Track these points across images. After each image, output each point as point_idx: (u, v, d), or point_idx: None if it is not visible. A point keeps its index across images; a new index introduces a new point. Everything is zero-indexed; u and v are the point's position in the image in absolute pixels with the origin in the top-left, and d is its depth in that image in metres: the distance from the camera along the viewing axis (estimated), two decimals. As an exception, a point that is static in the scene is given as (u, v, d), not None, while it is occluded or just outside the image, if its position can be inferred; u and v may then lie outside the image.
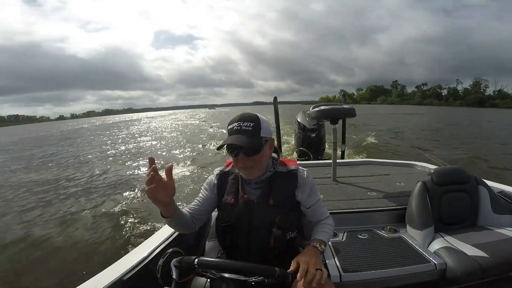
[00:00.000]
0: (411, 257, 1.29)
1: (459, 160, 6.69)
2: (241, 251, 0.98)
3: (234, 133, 0.90)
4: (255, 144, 0.89)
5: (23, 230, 3.89)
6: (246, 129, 0.90)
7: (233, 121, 0.93)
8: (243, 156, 0.91)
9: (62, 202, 5.09)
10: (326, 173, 2.46)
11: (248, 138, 0.88)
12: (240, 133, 0.89)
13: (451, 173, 1.60)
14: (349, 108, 2.38)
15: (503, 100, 74.92)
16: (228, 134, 0.92)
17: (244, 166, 0.92)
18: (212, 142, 11.59)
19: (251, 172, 0.94)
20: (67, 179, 6.87)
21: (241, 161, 0.92)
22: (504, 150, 8.66)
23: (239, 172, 1.01)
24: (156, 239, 1.26)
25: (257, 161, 0.93)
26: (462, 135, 12.77)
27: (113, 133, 21.86)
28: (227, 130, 0.94)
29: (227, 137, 0.92)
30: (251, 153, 0.90)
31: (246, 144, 0.88)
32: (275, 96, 3.89)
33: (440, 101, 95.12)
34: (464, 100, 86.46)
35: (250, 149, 0.89)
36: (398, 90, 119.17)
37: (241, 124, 0.90)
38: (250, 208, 0.95)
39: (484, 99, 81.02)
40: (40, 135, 27.70)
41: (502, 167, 6.30)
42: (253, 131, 0.90)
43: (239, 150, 0.91)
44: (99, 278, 0.97)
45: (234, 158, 0.93)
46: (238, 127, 0.90)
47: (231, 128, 0.92)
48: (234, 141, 0.88)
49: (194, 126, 23.68)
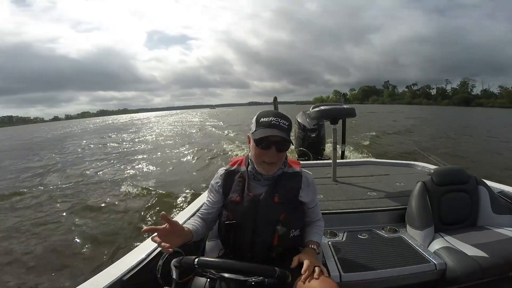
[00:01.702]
0: (411, 257, 1.29)
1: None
2: (245, 249, 0.99)
3: (273, 127, 0.91)
4: (289, 141, 0.92)
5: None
6: (283, 126, 0.92)
7: (268, 115, 0.94)
8: (274, 150, 0.92)
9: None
10: (326, 173, 2.46)
11: (286, 135, 0.91)
12: (278, 128, 0.91)
13: (451, 173, 1.60)
14: (349, 108, 2.38)
15: (488, 100, 78.23)
16: (262, 127, 0.92)
17: (271, 160, 0.93)
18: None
19: (272, 167, 0.96)
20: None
21: (270, 155, 0.92)
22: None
23: (245, 171, 1.02)
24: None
25: (281, 158, 0.96)
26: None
27: (139, 139, 15.70)
28: (257, 122, 0.94)
29: (261, 129, 0.92)
30: (283, 149, 0.93)
31: (287, 138, 0.90)
32: (275, 96, 3.90)
33: (429, 100, 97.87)
34: (451, 99, 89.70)
35: (286, 145, 0.92)
36: (389, 90, 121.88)
37: (279, 120, 0.92)
38: (255, 205, 0.97)
39: (470, 99, 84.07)
40: (38, 141, 21.27)
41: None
42: (288, 129, 0.93)
43: (273, 144, 0.91)
44: (99, 278, 0.97)
45: (262, 151, 0.93)
46: (276, 122, 0.91)
47: (267, 121, 0.92)
48: (278, 134, 0.90)
49: (218, 129, 18.40)
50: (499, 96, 77.49)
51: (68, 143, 16.39)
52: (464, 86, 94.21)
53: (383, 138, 11.32)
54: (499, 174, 5.50)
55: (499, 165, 6.67)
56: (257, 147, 0.93)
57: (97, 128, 32.61)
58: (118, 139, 16.28)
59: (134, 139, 15.73)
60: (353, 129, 12.09)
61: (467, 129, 14.90)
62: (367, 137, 10.55)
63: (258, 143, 0.92)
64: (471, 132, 13.82)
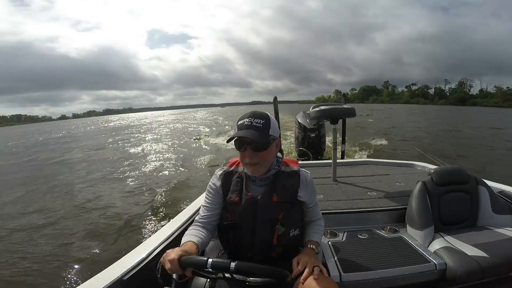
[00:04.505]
0: (411, 257, 1.29)
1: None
2: (244, 249, 0.98)
3: (244, 128, 0.92)
4: (264, 140, 0.92)
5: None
6: (256, 125, 0.91)
7: (244, 116, 0.94)
8: (250, 151, 0.92)
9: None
10: (326, 173, 2.46)
11: (258, 134, 0.90)
12: (250, 128, 0.91)
13: (451, 173, 1.60)
14: (349, 108, 2.38)
15: (483, 99, 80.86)
16: (238, 129, 0.93)
17: (250, 161, 0.93)
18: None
19: (256, 168, 0.95)
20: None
21: (248, 156, 0.93)
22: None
23: (243, 171, 1.02)
24: (156, 239, 1.26)
25: (263, 158, 0.94)
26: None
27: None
28: (237, 125, 0.95)
29: (236, 131, 0.93)
30: (259, 148, 0.92)
31: (256, 139, 0.89)
32: (275, 96, 3.90)
33: (426, 100, 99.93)
34: (447, 99, 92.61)
35: (259, 144, 0.91)
36: (388, 90, 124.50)
37: (252, 120, 0.92)
38: (254, 205, 0.96)
39: (465, 98, 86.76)
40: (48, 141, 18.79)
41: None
42: (263, 128, 0.92)
43: (247, 145, 0.92)
44: (99, 278, 0.97)
45: (241, 152, 0.94)
46: (249, 122, 0.92)
47: (241, 123, 0.93)
48: (245, 135, 0.90)
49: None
50: (494, 96, 79.54)
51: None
52: (462, 86, 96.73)
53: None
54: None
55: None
56: (237, 149, 0.95)
57: (141, 124, 34.99)
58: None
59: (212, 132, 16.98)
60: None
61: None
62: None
63: (235, 145, 0.94)
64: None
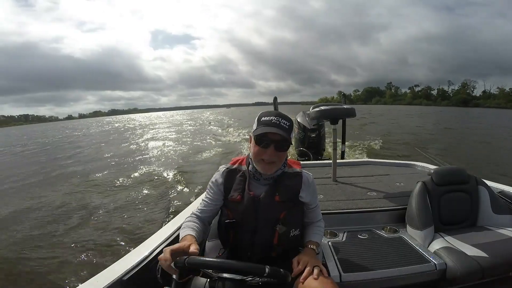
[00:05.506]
0: (411, 257, 1.29)
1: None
2: (244, 248, 0.99)
3: (272, 126, 0.92)
4: (289, 141, 0.93)
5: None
6: (284, 125, 0.92)
7: (270, 114, 0.95)
8: (273, 149, 0.92)
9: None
10: (326, 173, 2.46)
11: (286, 134, 0.91)
12: (278, 127, 0.91)
13: (451, 173, 1.60)
14: (349, 108, 2.38)
15: (485, 100, 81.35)
16: (264, 125, 0.93)
17: (269, 159, 0.93)
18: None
19: (271, 167, 0.96)
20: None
21: (269, 153, 0.93)
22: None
23: (247, 170, 1.02)
24: (156, 239, 1.26)
25: (280, 158, 0.96)
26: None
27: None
28: (258, 121, 0.95)
29: (261, 127, 0.93)
30: (282, 148, 0.93)
31: (287, 137, 0.91)
32: (275, 96, 3.91)
33: (429, 101, 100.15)
34: (450, 100, 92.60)
35: (285, 144, 0.93)
36: (391, 91, 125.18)
37: (280, 119, 0.93)
38: (256, 204, 0.97)
39: (467, 100, 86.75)
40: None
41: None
42: (288, 129, 0.94)
43: (271, 143, 0.92)
44: (99, 278, 0.97)
45: (261, 148, 0.93)
46: (277, 121, 0.92)
47: (268, 120, 0.93)
48: (277, 131, 0.90)
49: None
50: (496, 97, 79.68)
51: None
52: (465, 87, 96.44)
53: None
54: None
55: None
56: (257, 145, 0.93)
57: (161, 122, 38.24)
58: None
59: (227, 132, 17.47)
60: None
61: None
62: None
63: (258, 140, 0.93)
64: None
